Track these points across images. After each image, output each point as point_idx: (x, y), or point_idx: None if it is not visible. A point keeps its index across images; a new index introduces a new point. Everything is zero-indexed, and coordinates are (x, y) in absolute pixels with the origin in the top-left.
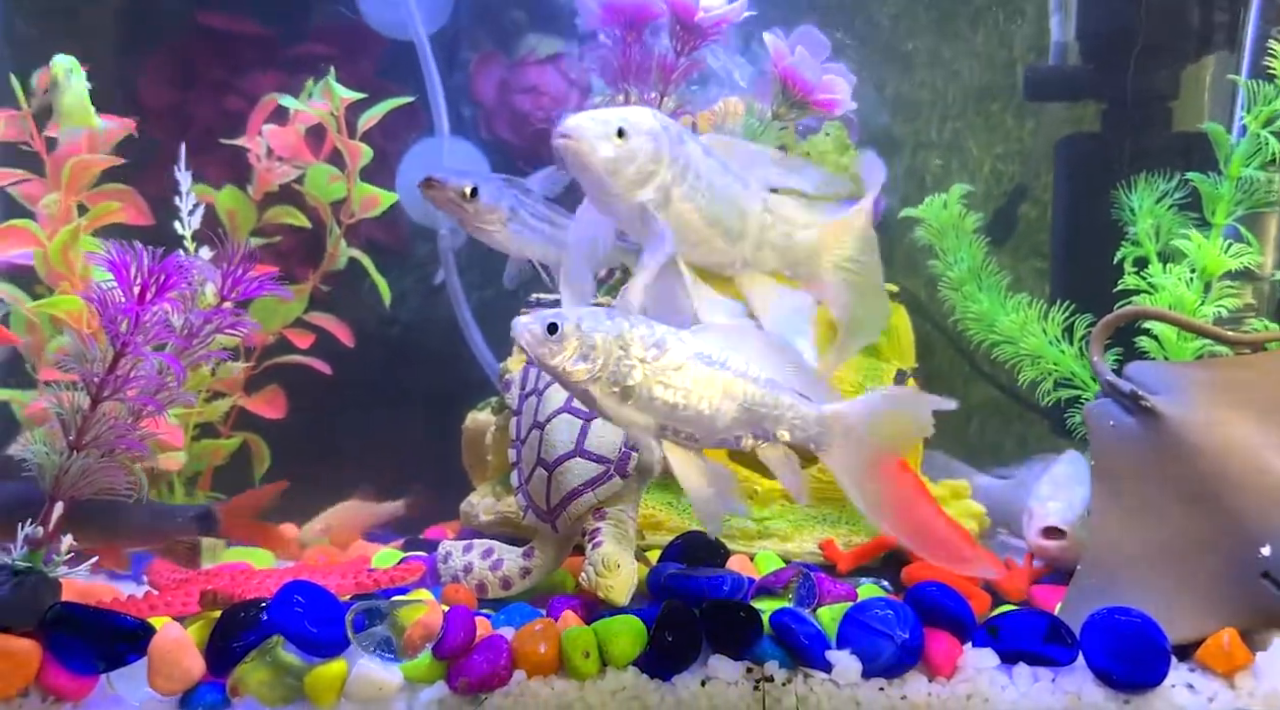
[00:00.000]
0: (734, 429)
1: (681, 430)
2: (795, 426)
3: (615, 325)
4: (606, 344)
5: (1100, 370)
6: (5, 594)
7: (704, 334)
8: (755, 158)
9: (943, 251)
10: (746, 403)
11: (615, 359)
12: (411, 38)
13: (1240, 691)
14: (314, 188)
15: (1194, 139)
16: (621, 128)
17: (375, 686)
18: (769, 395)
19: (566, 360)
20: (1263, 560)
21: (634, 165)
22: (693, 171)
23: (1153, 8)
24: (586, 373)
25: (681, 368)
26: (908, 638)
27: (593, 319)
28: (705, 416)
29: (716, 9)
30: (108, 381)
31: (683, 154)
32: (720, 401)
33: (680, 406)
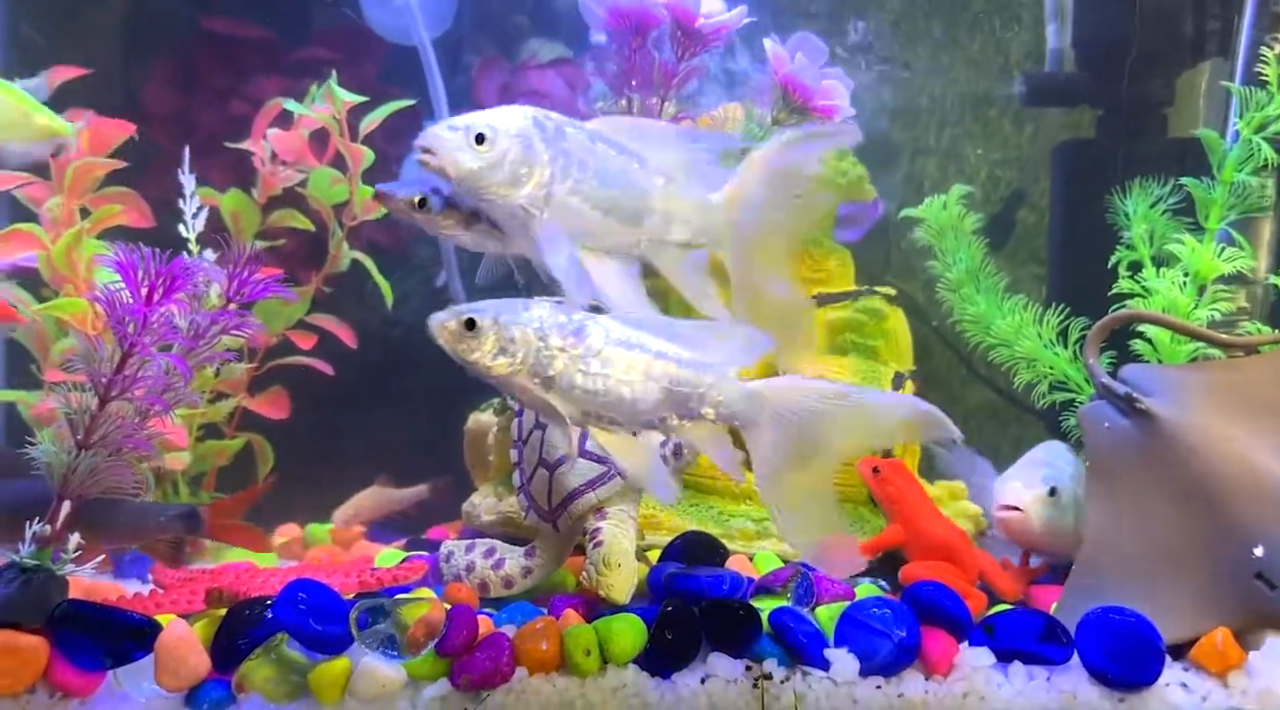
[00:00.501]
0: (658, 410)
1: (605, 415)
2: (720, 404)
3: (532, 316)
4: (525, 336)
5: (1095, 373)
6: (13, 591)
7: (622, 318)
8: (653, 133)
9: (941, 252)
10: (669, 384)
11: (535, 350)
12: (414, 43)
13: (1234, 690)
14: (316, 190)
15: (1188, 144)
16: (481, 134)
17: (379, 683)
18: (692, 375)
19: (486, 355)
20: (1256, 561)
21: (502, 171)
22: (577, 163)
23: (1147, 15)
24: (507, 366)
25: (602, 353)
26: (905, 636)
27: (510, 311)
28: (628, 400)
29: (717, 16)
30: (115, 381)
31: (563, 148)
32: (643, 384)
33: (603, 392)
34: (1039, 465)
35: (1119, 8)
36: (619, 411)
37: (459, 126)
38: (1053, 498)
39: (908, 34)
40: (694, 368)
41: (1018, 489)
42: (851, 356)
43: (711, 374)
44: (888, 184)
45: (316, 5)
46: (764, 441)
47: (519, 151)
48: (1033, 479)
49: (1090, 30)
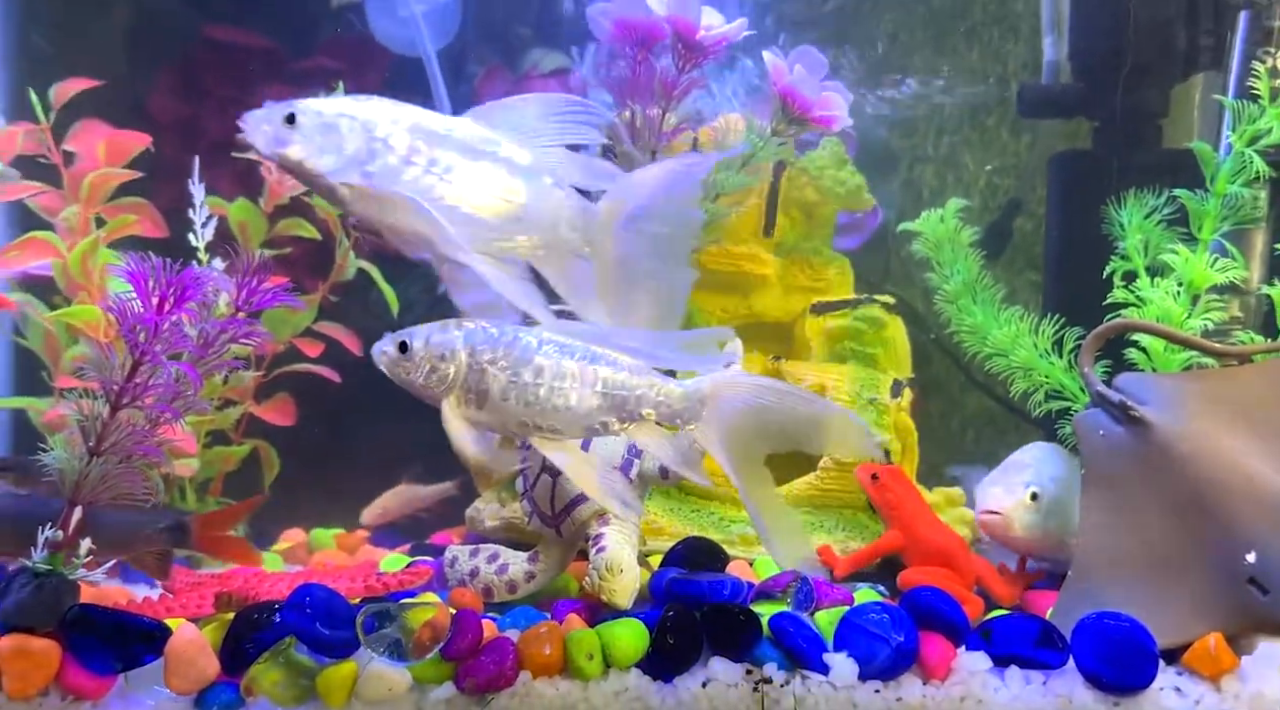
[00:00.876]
0: (598, 416)
1: (545, 425)
2: (660, 404)
3: (462, 334)
4: (456, 354)
5: (1090, 381)
6: (26, 596)
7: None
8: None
9: (939, 265)
10: (606, 388)
11: (466, 366)
12: (420, 54)
13: (1226, 694)
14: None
15: (1182, 156)
16: (292, 114)
17: (385, 686)
18: (629, 378)
19: (424, 376)
20: (1248, 566)
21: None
22: (424, 155)
23: (1142, 29)
24: (441, 384)
25: (534, 363)
26: (903, 641)
27: (441, 331)
28: (567, 408)
29: (717, 28)
30: (127, 389)
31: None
32: (580, 391)
33: (539, 401)
34: (1021, 469)
35: (1114, 21)
36: (559, 420)
37: (276, 108)
38: (1034, 502)
39: (905, 45)
40: (630, 371)
41: (999, 494)
42: (851, 364)
43: (648, 375)
44: (886, 192)
45: (321, 15)
46: (712, 438)
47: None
48: (1014, 484)
49: (1086, 42)
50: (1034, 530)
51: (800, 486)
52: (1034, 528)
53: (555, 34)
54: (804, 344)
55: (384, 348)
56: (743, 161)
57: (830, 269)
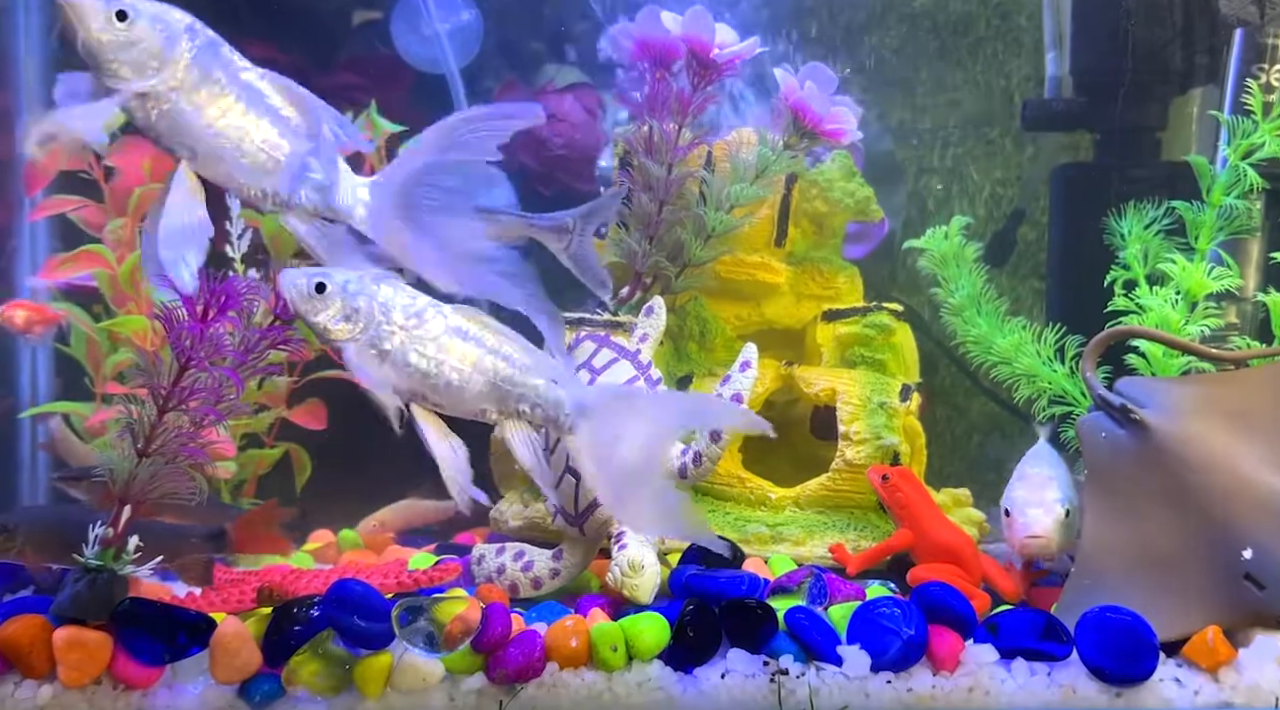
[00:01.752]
0: (480, 402)
1: (431, 398)
2: (538, 406)
3: (379, 292)
4: (369, 308)
5: (1093, 385)
6: (80, 590)
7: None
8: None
9: (944, 280)
10: (494, 378)
11: (376, 324)
12: (442, 71)
13: (1224, 685)
14: None
15: (1181, 168)
16: (123, 10)
17: (419, 677)
18: (518, 375)
19: (329, 319)
20: (1244, 562)
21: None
22: (219, 81)
23: (1140, 45)
24: (346, 333)
25: (438, 339)
26: (913, 634)
27: (359, 283)
28: (454, 386)
29: (731, 47)
30: (173, 393)
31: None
32: (470, 374)
33: (432, 374)
34: (1048, 484)
35: (1113, 38)
36: (445, 395)
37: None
38: (1068, 518)
39: (911, 58)
40: (522, 370)
41: (1040, 516)
42: (860, 369)
43: (538, 378)
44: (893, 202)
45: (344, 32)
46: (584, 452)
47: (155, 42)
48: (1050, 503)
49: (1087, 58)
50: (1069, 543)
51: (813, 487)
52: (1069, 540)
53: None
54: (815, 350)
55: (296, 281)
56: (756, 174)
57: (840, 277)
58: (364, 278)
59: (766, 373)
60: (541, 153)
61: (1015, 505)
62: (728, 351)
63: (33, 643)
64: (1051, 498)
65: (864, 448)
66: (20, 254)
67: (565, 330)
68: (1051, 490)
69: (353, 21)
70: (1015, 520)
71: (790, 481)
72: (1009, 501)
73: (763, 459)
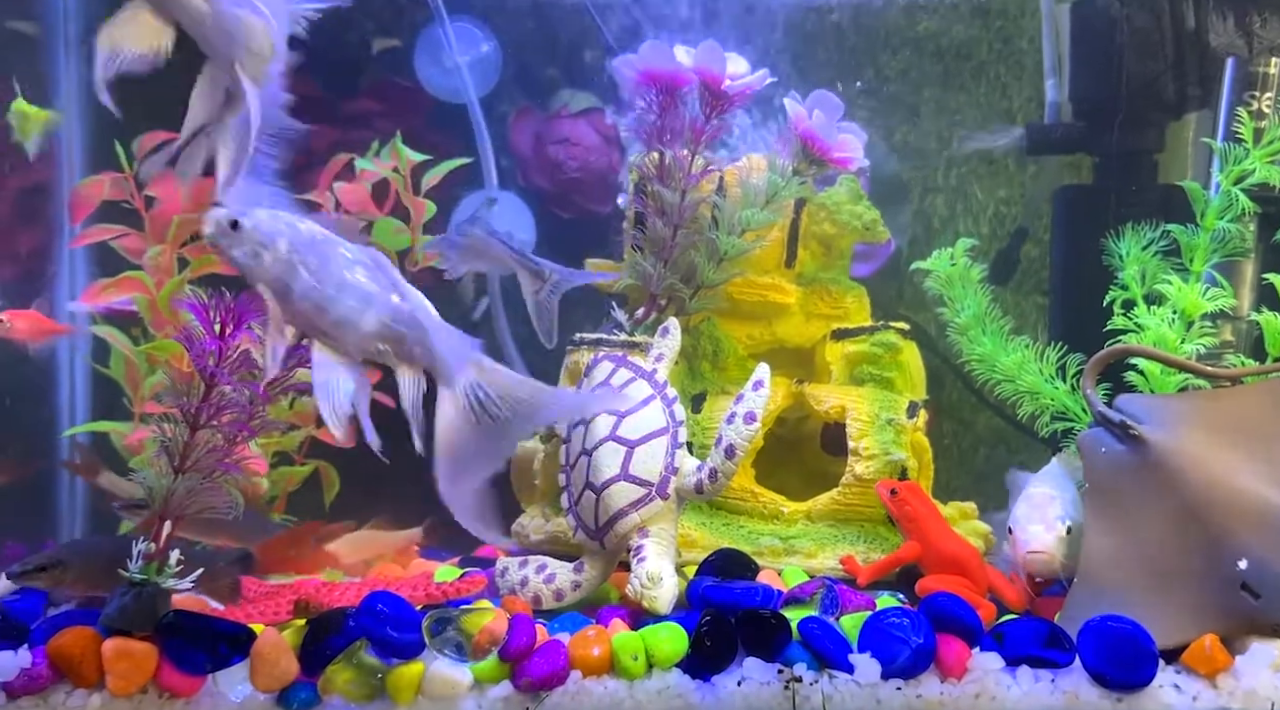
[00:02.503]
0: (375, 340)
1: (331, 334)
2: (426, 351)
3: (290, 231)
4: (277, 246)
5: (1093, 402)
6: (126, 603)
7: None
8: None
9: (950, 300)
10: (389, 319)
11: (285, 262)
12: (461, 100)
13: (1221, 691)
14: (381, 238)
15: (1177, 191)
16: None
17: (449, 685)
18: (410, 318)
19: (240, 255)
20: (1240, 572)
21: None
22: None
23: (1136, 73)
24: (258, 267)
25: (339, 280)
26: (922, 642)
27: (272, 222)
28: (350, 324)
29: (742, 78)
30: (203, 410)
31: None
32: (365, 312)
33: (332, 311)
34: (1051, 502)
35: (1110, 65)
36: (343, 330)
37: None
38: (1069, 535)
39: (916, 81)
40: (420, 313)
41: (1041, 533)
42: (869, 386)
43: (431, 324)
44: (900, 220)
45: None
46: (446, 401)
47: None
48: (1052, 520)
49: (1084, 85)
50: (1071, 558)
51: (824, 501)
52: (1071, 556)
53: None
54: (825, 368)
55: (217, 217)
56: (766, 199)
57: (848, 297)
58: (278, 216)
59: (778, 390)
60: (557, 176)
61: (1019, 522)
62: (740, 370)
63: (83, 653)
64: (1054, 515)
65: (873, 463)
66: (59, 279)
67: (584, 351)
68: (1054, 508)
69: (373, 49)
70: (1018, 537)
71: (802, 496)
72: (1013, 519)
73: (775, 474)
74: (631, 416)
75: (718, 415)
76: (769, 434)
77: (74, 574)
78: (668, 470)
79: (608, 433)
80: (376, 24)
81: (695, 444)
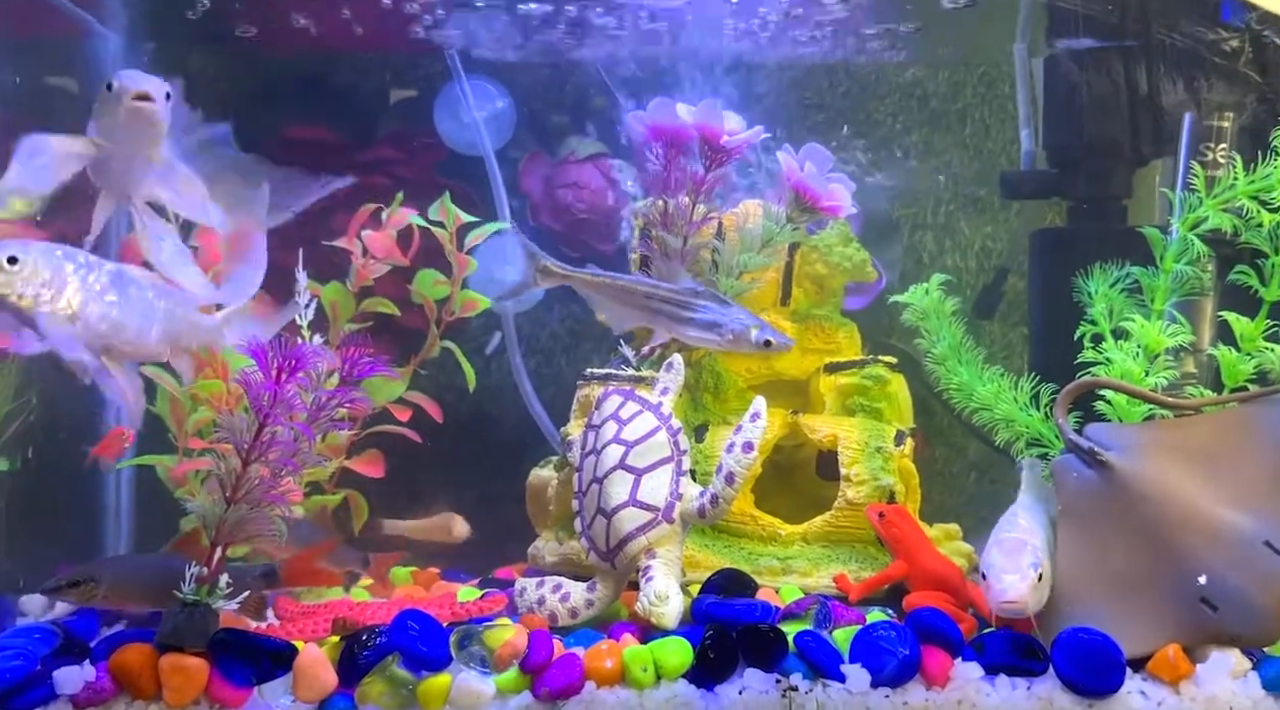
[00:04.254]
0: (164, 341)
1: (121, 349)
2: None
3: (63, 259)
4: (57, 276)
5: (1064, 431)
6: (180, 621)
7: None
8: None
9: (927, 332)
10: (169, 318)
11: (64, 289)
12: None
13: (1184, 697)
14: (421, 288)
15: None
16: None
17: (474, 695)
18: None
19: (23, 289)
20: (1200, 587)
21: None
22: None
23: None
24: (35, 299)
25: (115, 297)
26: (908, 654)
27: (46, 255)
28: (139, 334)
29: (739, 134)
30: (255, 447)
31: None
32: (151, 321)
33: (120, 327)
34: (1023, 549)
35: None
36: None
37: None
38: (1040, 582)
39: (905, 124)
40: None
41: (1015, 582)
42: (859, 417)
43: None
44: (891, 255)
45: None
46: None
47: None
48: (1024, 568)
49: (1056, 136)
50: (1042, 602)
51: (818, 524)
52: (1042, 600)
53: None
54: (818, 399)
55: None
56: (762, 244)
57: (840, 333)
58: (51, 249)
59: (775, 420)
60: (565, 218)
61: (992, 570)
62: (740, 401)
63: (141, 668)
64: (1026, 563)
65: (863, 488)
66: None
67: (594, 385)
68: (1026, 556)
69: (390, 99)
70: (993, 586)
71: (798, 519)
72: (986, 566)
73: (773, 498)
74: (639, 446)
75: (719, 444)
76: (767, 462)
77: (105, 590)
78: (673, 496)
79: (617, 462)
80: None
81: (699, 471)
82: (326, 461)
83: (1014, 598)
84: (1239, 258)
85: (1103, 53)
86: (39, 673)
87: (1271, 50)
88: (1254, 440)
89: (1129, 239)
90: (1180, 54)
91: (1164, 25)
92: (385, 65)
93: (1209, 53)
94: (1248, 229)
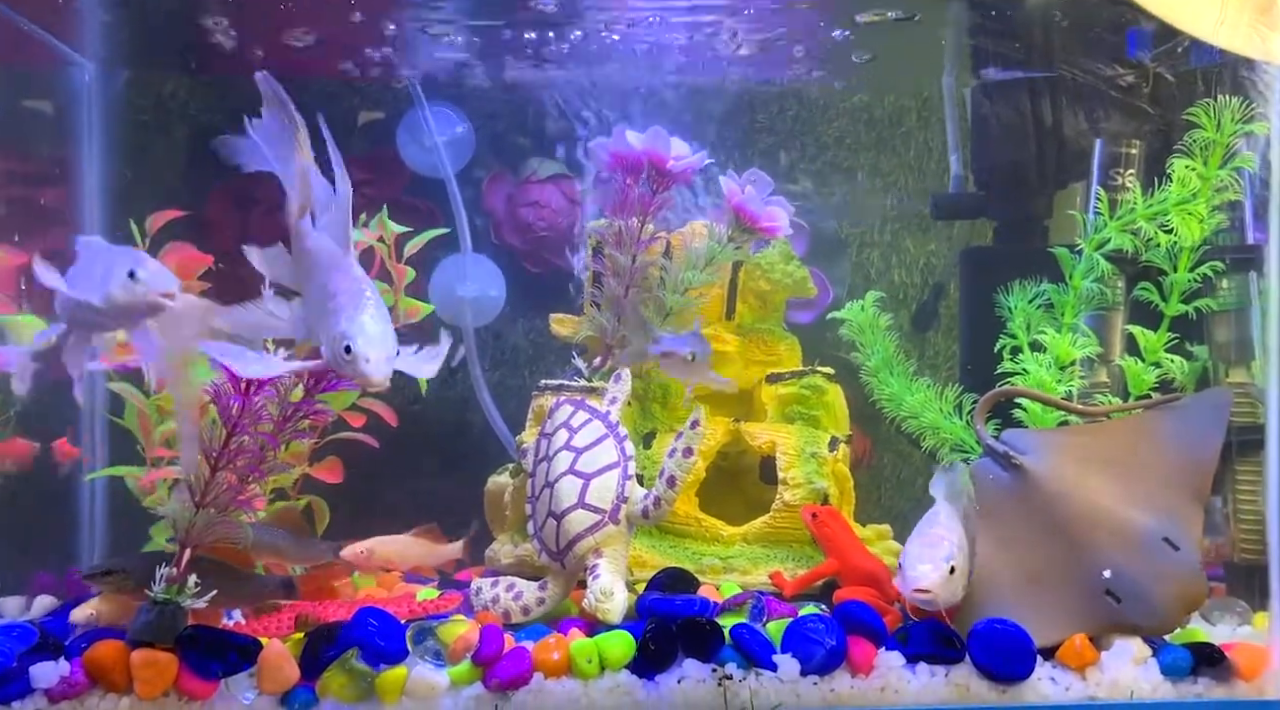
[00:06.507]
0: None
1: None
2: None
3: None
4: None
5: (982, 436)
6: (151, 618)
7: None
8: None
9: (861, 345)
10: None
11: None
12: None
13: (1090, 682)
14: None
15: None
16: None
17: (428, 686)
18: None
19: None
20: (1105, 581)
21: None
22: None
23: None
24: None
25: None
26: (835, 644)
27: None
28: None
29: (684, 159)
30: (223, 454)
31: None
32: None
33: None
34: (940, 543)
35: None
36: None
37: None
38: (952, 575)
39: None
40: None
41: (928, 572)
42: (798, 424)
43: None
44: (840, 271)
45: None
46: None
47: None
48: (938, 560)
49: (982, 161)
50: (954, 595)
51: (757, 525)
52: (954, 594)
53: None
54: (760, 408)
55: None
56: (706, 262)
57: (781, 345)
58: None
59: (718, 428)
60: (527, 235)
61: (908, 559)
62: (687, 410)
63: (114, 663)
64: (940, 556)
65: (799, 491)
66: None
67: (548, 395)
68: (942, 549)
69: (359, 122)
70: (907, 573)
71: (744, 521)
72: (904, 556)
73: (718, 502)
74: (588, 452)
75: (665, 451)
76: (712, 467)
77: (135, 582)
78: (619, 499)
79: (568, 467)
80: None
81: (646, 476)
82: (291, 468)
83: (925, 586)
84: (1145, 275)
85: (1024, 83)
86: (15, 669)
87: (1164, 83)
88: (1156, 444)
89: (1047, 258)
90: (1090, 87)
91: (1075, 60)
92: (352, 90)
93: (1114, 86)
94: (1148, 249)
